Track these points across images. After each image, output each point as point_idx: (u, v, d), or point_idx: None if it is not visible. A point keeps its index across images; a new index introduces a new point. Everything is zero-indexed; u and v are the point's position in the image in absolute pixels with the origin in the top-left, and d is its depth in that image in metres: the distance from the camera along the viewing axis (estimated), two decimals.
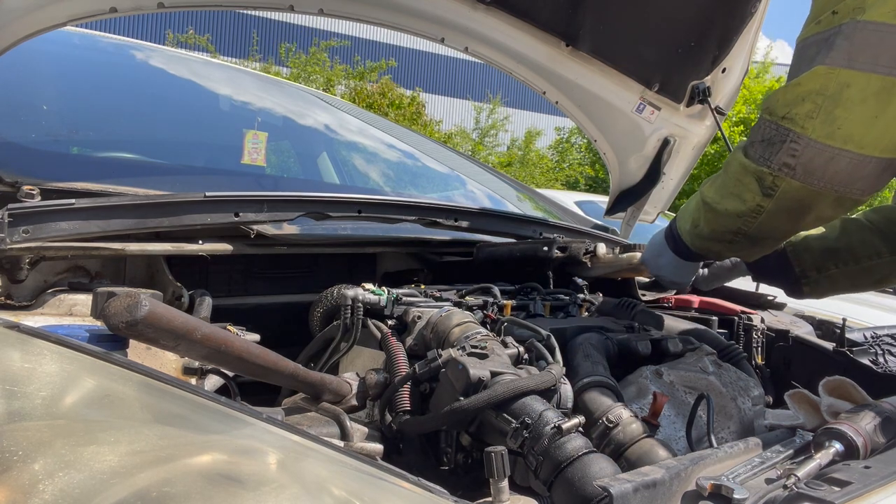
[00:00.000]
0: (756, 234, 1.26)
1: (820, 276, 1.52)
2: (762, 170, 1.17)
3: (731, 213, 1.25)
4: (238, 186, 1.95)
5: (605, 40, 2.00)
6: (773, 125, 1.15)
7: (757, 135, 1.19)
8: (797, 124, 1.11)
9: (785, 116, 1.13)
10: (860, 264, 1.48)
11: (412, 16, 1.87)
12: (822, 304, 1.94)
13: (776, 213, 1.20)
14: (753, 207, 1.21)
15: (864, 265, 1.48)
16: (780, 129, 1.14)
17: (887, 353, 1.58)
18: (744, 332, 1.69)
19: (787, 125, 1.13)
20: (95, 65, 2.21)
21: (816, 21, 1.14)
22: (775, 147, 1.14)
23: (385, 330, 1.31)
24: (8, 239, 1.14)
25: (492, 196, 2.70)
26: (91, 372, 0.77)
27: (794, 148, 1.12)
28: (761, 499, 0.75)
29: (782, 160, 1.14)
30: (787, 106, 1.13)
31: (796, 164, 1.12)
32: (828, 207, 1.17)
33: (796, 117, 1.11)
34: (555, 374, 1.04)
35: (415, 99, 15.30)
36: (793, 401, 1.21)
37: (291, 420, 0.98)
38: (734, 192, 1.24)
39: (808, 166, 1.12)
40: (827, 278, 1.52)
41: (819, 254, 1.51)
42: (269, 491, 0.57)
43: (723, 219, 1.28)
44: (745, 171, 1.20)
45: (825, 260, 1.51)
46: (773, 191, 1.17)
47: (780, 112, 1.14)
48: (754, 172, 1.18)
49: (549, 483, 0.89)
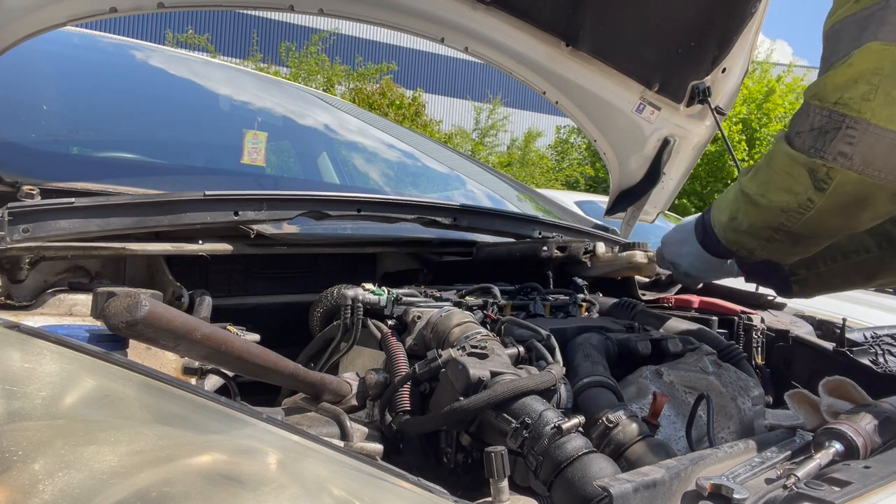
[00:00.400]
0: (800, 231, 1.16)
1: (809, 274, 1.48)
2: (815, 161, 1.06)
3: (776, 208, 1.15)
4: (238, 186, 1.95)
5: (605, 40, 2.00)
6: (824, 112, 1.06)
7: (804, 124, 1.09)
8: (853, 109, 1.02)
9: (838, 101, 1.04)
10: (849, 260, 1.44)
11: (412, 16, 1.87)
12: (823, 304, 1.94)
13: (827, 210, 1.10)
14: (803, 202, 1.11)
15: (853, 261, 1.44)
16: (833, 115, 1.04)
17: (887, 353, 1.58)
18: (744, 332, 1.69)
19: (841, 110, 1.03)
20: (95, 65, 2.21)
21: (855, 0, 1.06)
22: (829, 135, 1.04)
23: (385, 330, 1.31)
24: (8, 238, 1.14)
25: (491, 196, 2.70)
26: (91, 372, 0.77)
27: (850, 135, 1.02)
28: (761, 499, 0.75)
29: (837, 149, 1.03)
30: (838, 90, 1.04)
31: (854, 152, 1.02)
32: (887, 202, 1.07)
33: (850, 101, 1.02)
34: (555, 374, 1.04)
35: (416, 99, 15.30)
36: (793, 401, 1.21)
37: (291, 420, 0.98)
38: (781, 186, 1.14)
39: (867, 155, 1.02)
40: (816, 276, 1.48)
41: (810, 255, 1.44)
42: (269, 491, 0.57)
43: (765, 213, 1.18)
44: (794, 162, 1.10)
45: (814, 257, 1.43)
46: (826, 184, 1.06)
47: (832, 97, 1.04)
48: (805, 164, 1.08)
49: (549, 483, 0.89)
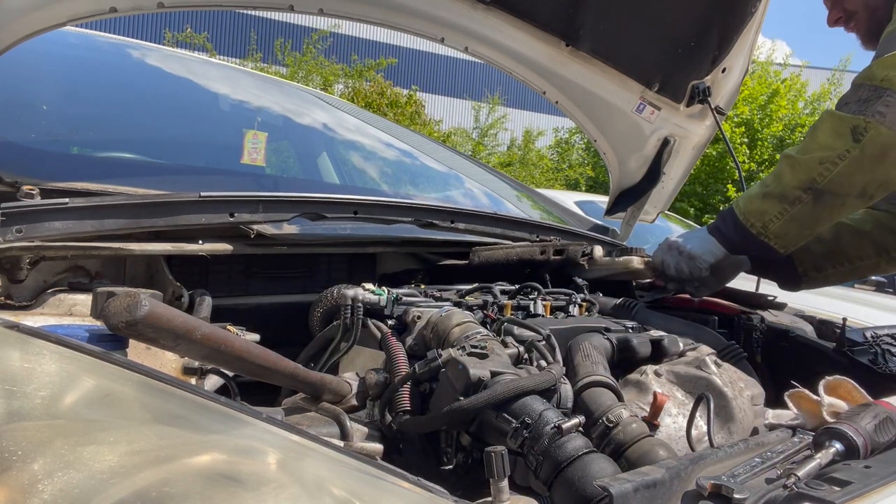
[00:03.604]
0: (827, 188, 1.41)
1: (819, 276, 1.74)
2: (857, 118, 1.37)
3: (814, 161, 1.41)
4: (237, 186, 1.95)
5: (605, 40, 2.00)
6: (870, 87, 1.38)
7: (853, 97, 1.41)
8: (894, 84, 1.35)
9: (884, 79, 1.36)
10: (852, 265, 1.73)
11: (412, 16, 1.86)
12: (822, 304, 1.96)
13: (859, 161, 1.37)
14: (840, 153, 1.38)
15: (856, 265, 1.73)
16: (877, 89, 1.37)
17: (887, 353, 1.58)
18: (744, 332, 1.69)
19: (885, 85, 1.36)
20: (95, 65, 2.21)
21: None
22: (871, 102, 1.36)
23: (385, 330, 1.30)
24: (1, 239, 1.13)
25: (491, 195, 2.70)
26: (91, 372, 0.77)
27: (889, 100, 1.34)
28: (761, 499, 0.75)
29: (877, 109, 1.35)
30: (886, 70, 1.37)
31: (888, 112, 1.34)
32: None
33: (893, 78, 1.35)
34: (555, 374, 1.04)
35: (412, 97, 15.28)
36: (793, 401, 1.21)
37: (291, 420, 0.98)
38: (823, 143, 1.41)
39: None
40: (823, 277, 1.75)
41: (819, 256, 1.71)
42: (268, 491, 0.57)
43: (801, 168, 1.43)
44: (842, 122, 1.39)
45: (823, 261, 1.73)
46: (862, 136, 1.36)
47: (880, 76, 1.37)
48: (850, 121, 1.38)
49: (549, 483, 0.89)
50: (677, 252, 1.66)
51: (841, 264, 1.72)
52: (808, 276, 1.73)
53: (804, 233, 1.49)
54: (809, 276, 1.74)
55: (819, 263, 1.72)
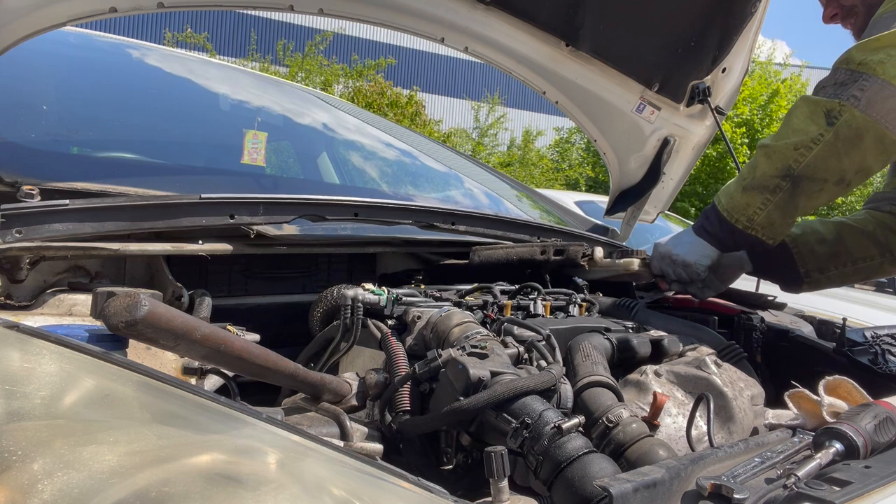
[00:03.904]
0: (801, 172, 1.40)
1: (821, 277, 1.72)
2: (832, 101, 1.37)
3: (789, 147, 1.41)
4: (238, 186, 1.95)
5: (605, 40, 1.99)
6: (847, 71, 1.37)
7: (829, 81, 1.40)
8: (870, 68, 1.34)
9: (861, 62, 1.36)
10: (856, 265, 1.71)
11: (412, 16, 1.86)
12: (822, 304, 1.95)
13: (832, 144, 1.36)
14: (814, 136, 1.38)
15: (859, 266, 1.71)
16: (853, 73, 1.36)
17: (887, 353, 1.58)
18: (744, 332, 1.69)
19: (861, 69, 1.35)
20: (95, 65, 2.21)
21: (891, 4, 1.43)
22: (847, 86, 1.36)
23: (385, 330, 1.30)
24: (1, 240, 1.13)
25: (490, 195, 2.70)
26: (90, 372, 0.77)
27: (864, 84, 1.34)
28: (761, 499, 0.75)
29: (851, 93, 1.35)
30: (863, 53, 1.36)
31: (862, 96, 1.33)
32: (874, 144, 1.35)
33: (870, 62, 1.34)
34: (555, 374, 1.04)
35: (412, 98, 15.28)
36: (793, 401, 1.21)
37: (291, 420, 0.98)
38: (797, 128, 1.41)
39: (872, 98, 1.33)
40: (826, 279, 1.73)
41: (822, 258, 1.70)
42: (268, 491, 0.57)
43: (776, 156, 1.42)
44: (816, 105, 1.39)
45: (827, 262, 1.71)
46: (836, 119, 1.35)
47: (857, 59, 1.36)
48: (824, 105, 1.37)
49: (549, 483, 0.89)
50: (670, 261, 1.64)
51: (844, 265, 1.71)
52: (810, 277, 1.72)
53: (788, 220, 1.48)
54: (812, 278, 1.72)
55: (822, 265, 1.71)
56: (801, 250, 1.70)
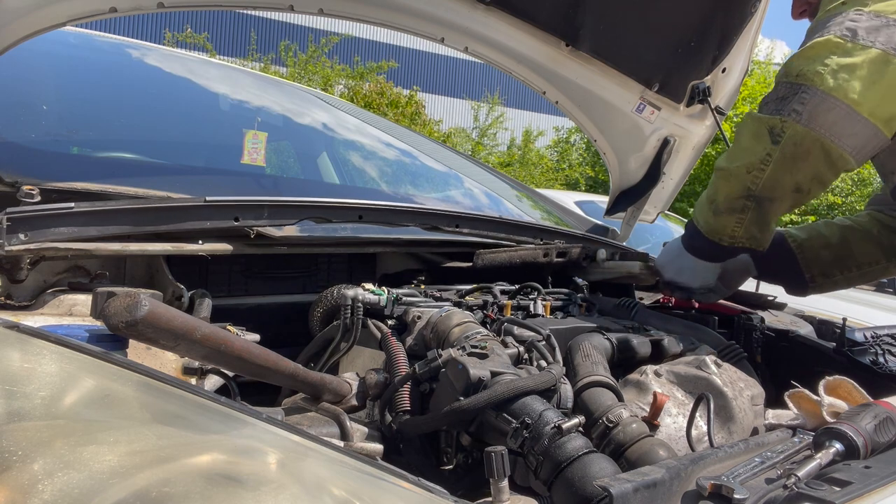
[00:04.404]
0: (761, 193, 1.38)
1: (826, 281, 1.73)
2: (774, 118, 1.33)
3: (742, 170, 1.38)
4: (238, 186, 1.95)
5: (605, 40, 1.99)
6: (787, 84, 1.34)
7: (772, 96, 1.37)
8: (808, 79, 1.31)
9: (799, 74, 1.32)
10: (861, 270, 1.71)
11: (412, 16, 1.86)
12: (823, 304, 1.95)
13: (781, 162, 1.34)
14: (762, 157, 1.35)
15: (864, 270, 1.71)
16: (793, 85, 1.33)
17: (887, 353, 1.58)
18: (744, 332, 1.69)
19: (800, 81, 1.32)
20: (95, 65, 2.21)
21: (826, 10, 1.38)
22: (788, 100, 1.33)
23: (385, 330, 1.30)
24: (6, 244, 1.13)
25: (490, 195, 2.70)
26: (90, 372, 0.77)
27: (804, 97, 1.30)
28: (761, 499, 0.75)
29: (792, 107, 1.31)
30: (800, 65, 1.33)
31: (803, 110, 1.30)
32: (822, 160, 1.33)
33: (808, 73, 1.31)
34: (555, 374, 1.04)
35: (412, 97, 15.28)
36: (793, 401, 1.21)
37: (291, 420, 0.98)
38: (745, 147, 1.38)
39: (813, 112, 1.29)
40: (832, 283, 1.73)
41: (827, 262, 1.70)
42: (268, 491, 0.57)
43: (734, 180, 1.40)
44: (759, 123, 1.36)
45: (832, 267, 1.71)
46: (780, 137, 1.32)
47: (794, 71, 1.33)
48: (767, 122, 1.34)
49: (549, 483, 0.89)
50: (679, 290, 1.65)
51: (849, 269, 1.70)
52: (815, 282, 1.72)
53: (768, 229, 1.46)
54: (817, 283, 1.72)
55: (827, 270, 1.71)
56: (807, 255, 1.70)
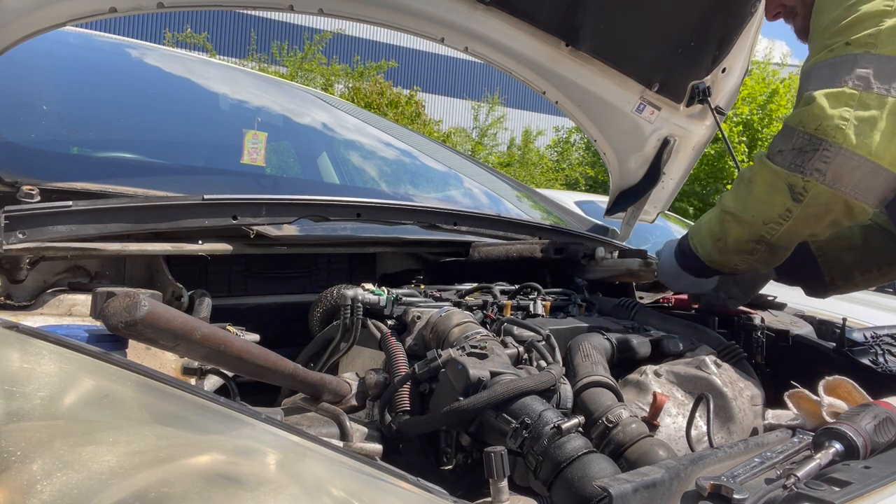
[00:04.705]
0: (776, 242, 1.36)
1: (846, 283, 1.71)
2: (795, 176, 1.27)
3: (758, 221, 1.35)
4: (238, 186, 1.95)
5: (605, 40, 1.99)
6: (805, 136, 1.27)
7: (786, 144, 1.30)
8: (829, 135, 1.24)
9: (818, 128, 1.25)
10: (881, 271, 1.69)
11: (412, 16, 1.86)
12: (823, 303, 1.95)
13: (802, 218, 1.30)
14: (782, 213, 1.31)
15: (885, 272, 1.69)
16: (812, 139, 1.26)
17: (887, 353, 1.58)
18: (744, 332, 1.69)
19: (820, 135, 1.25)
20: (95, 65, 2.21)
21: (829, 49, 1.30)
22: (808, 155, 1.26)
23: (385, 330, 1.30)
24: (4, 242, 1.14)
25: (490, 195, 2.70)
26: (90, 372, 0.77)
27: (826, 155, 1.24)
28: (761, 499, 0.75)
29: (815, 166, 1.25)
30: (818, 119, 1.25)
31: (827, 169, 1.24)
32: (841, 213, 1.30)
33: (828, 129, 1.24)
34: (555, 374, 1.04)
35: (412, 97, 15.27)
36: (793, 401, 1.21)
37: (291, 420, 0.98)
38: (761, 199, 1.34)
39: (837, 172, 1.24)
40: (851, 284, 1.72)
41: (848, 265, 1.68)
42: (268, 491, 0.57)
43: (747, 227, 1.37)
44: (777, 177, 1.30)
45: (852, 269, 1.69)
46: (802, 196, 1.28)
47: (813, 124, 1.26)
48: (786, 178, 1.29)
49: (548, 483, 0.89)
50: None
51: (869, 272, 1.69)
52: (835, 284, 1.71)
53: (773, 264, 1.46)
54: (836, 285, 1.72)
55: (847, 273, 1.70)
56: (828, 259, 1.68)
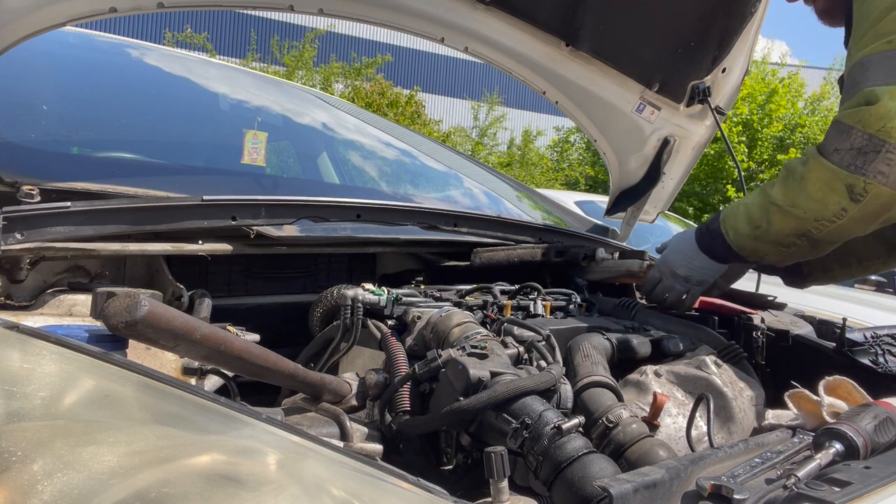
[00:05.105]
0: (822, 238, 1.35)
1: (824, 275, 1.73)
2: (856, 177, 1.26)
3: (808, 217, 1.33)
4: (238, 186, 1.95)
5: (605, 40, 1.99)
6: (865, 136, 1.25)
7: (843, 143, 1.28)
8: (892, 136, 1.22)
9: (880, 129, 1.23)
10: (861, 265, 1.70)
11: (412, 16, 1.86)
12: (822, 304, 1.95)
13: (857, 218, 1.30)
14: (837, 212, 1.30)
15: (864, 265, 1.70)
16: (873, 139, 1.24)
17: (887, 353, 1.58)
18: (744, 332, 1.69)
19: (882, 137, 1.23)
20: (95, 65, 2.21)
21: (887, 40, 1.26)
22: (869, 156, 1.24)
23: (385, 330, 1.30)
24: (3, 243, 1.13)
25: (490, 195, 2.70)
26: (90, 372, 0.77)
27: (889, 157, 1.23)
28: (761, 499, 0.75)
29: (878, 168, 1.24)
30: (881, 119, 1.23)
31: (890, 171, 1.23)
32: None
33: (892, 130, 1.22)
34: (555, 374, 1.04)
35: (412, 97, 15.27)
36: (793, 401, 1.21)
37: (291, 420, 0.98)
38: (816, 198, 1.32)
39: None
40: (829, 276, 1.74)
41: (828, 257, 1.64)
42: (268, 491, 0.57)
43: (794, 221, 1.35)
44: (835, 177, 1.28)
45: (831, 262, 1.70)
46: (862, 196, 1.27)
47: (875, 125, 1.24)
48: (845, 179, 1.27)
49: (549, 483, 0.89)
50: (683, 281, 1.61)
51: (849, 265, 1.71)
52: (813, 276, 1.74)
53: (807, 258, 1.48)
54: (815, 276, 1.75)
55: (826, 265, 1.72)
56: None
